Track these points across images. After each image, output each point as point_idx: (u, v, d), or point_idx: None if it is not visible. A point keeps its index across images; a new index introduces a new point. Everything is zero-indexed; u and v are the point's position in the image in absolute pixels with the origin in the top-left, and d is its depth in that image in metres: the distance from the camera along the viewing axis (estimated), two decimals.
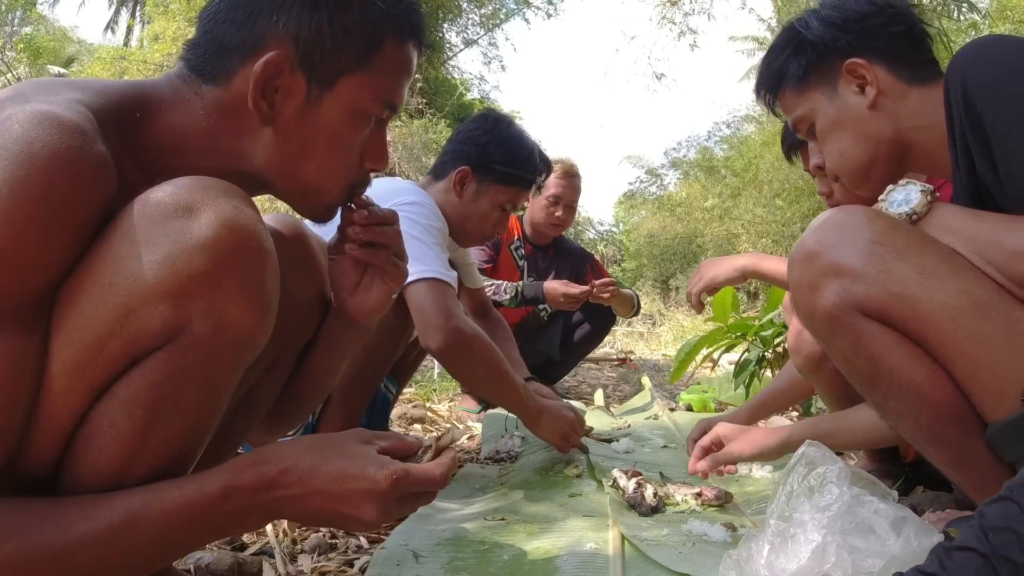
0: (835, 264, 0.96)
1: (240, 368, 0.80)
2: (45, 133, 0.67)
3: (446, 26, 13.63)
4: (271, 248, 0.77)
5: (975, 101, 0.92)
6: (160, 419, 0.74)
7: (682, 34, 12.63)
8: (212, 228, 0.72)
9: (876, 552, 0.88)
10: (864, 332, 0.96)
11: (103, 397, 0.73)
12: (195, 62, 0.86)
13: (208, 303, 0.72)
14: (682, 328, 8.01)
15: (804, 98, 1.21)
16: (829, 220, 1.00)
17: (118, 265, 0.70)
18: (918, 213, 0.99)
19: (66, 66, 16.96)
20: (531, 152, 1.94)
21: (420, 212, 1.70)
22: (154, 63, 11.14)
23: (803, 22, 1.22)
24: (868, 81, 1.14)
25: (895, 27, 1.15)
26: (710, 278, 1.80)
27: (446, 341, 1.57)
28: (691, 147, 18.30)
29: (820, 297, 0.98)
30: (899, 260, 0.93)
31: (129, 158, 0.79)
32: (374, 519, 0.78)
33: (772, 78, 1.26)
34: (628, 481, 1.53)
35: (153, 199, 0.73)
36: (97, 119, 0.74)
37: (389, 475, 0.76)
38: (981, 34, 9.54)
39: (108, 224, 0.72)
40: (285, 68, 0.83)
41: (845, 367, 1.03)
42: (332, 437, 0.81)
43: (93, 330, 0.70)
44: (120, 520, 0.70)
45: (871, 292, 0.93)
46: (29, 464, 0.72)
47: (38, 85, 0.77)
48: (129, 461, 0.74)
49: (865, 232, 0.96)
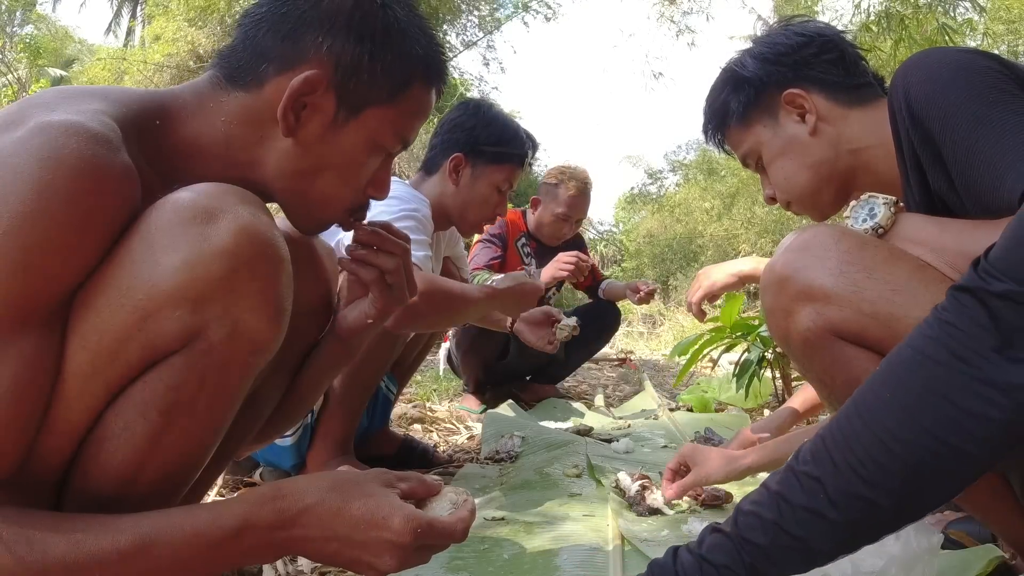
0: (806, 288, 0.94)
1: (252, 374, 0.81)
2: (72, 141, 0.68)
3: (446, 27, 13.62)
4: (287, 256, 0.78)
5: (919, 113, 0.91)
6: (174, 422, 0.75)
7: (680, 33, 12.65)
8: (231, 235, 0.72)
9: (876, 552, 0.89)
10: (840, 355, 0.94)
11: (118, 400, 0.73)
12: (229, 67, 0.87)
13: (225, 309, 0.73)
14: (682, 328, 8.00)
15: (748, 133, 1.25)
16: (796, 242, 0.98)
17: (137, 269, 0.71)
18: (883, 227, 0.97)
19: (67, 67, 16.97)
20: (517, 129, 1.98)
21: (394, 203, 1.68)
22: (154, 63, 11.15)
23: (738, 62, 1.25)
24: (807, 109, 1.17)
25: (827, 55, 1.18)
26: (708, 286, 1.79)
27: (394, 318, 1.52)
28: (691, 150, 18.35)
29: (794, 323, 0.96)
30: (870, 279, 0.91)
31: (149, 165, 0.80)
32: (391, 569, 0.76)
33: (716, 117, 1.30)
34: (632, 483, 1.54)
35: (172, 205, 0.73)
36: (120, 128, 0.75)
37: (413, 528, 0.75)
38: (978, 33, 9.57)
39: (127, 229, 0.73)
40: (320, 87, 0.85)
41: (823, 391, 1.01)
42: (356, 477, 0.79)
43: (111, 333, 0.70)
44: (128, 545, 0.68)
45: (845, 315, 0.92)
46: (41, 465, 0.72)
47: (61, 94, 0.78)
48: (141, 463, 0.74)
49: (833, 252, 0.94)
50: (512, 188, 2.00)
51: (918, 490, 0.65)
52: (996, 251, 0.62)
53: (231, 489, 1.70)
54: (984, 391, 0.61)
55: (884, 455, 0.65)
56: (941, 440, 0.63)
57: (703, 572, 0.72)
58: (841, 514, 0.67)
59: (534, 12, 14.13)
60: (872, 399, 0.68)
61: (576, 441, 2.13)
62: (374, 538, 0.74)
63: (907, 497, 0.66)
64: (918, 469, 0.64)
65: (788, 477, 0.71)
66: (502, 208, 1.99)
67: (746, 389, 2.86)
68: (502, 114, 2.01)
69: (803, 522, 0.69)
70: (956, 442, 0.63)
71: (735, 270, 1.78)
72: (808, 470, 0.69)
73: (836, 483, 0.67)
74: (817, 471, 0.69)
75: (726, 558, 0.71)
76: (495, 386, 3.11)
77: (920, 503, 0.67)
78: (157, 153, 0.82)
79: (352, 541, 0.75)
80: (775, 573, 0.71)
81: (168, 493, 0.79)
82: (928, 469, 0.64)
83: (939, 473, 0.64)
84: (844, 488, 0.67)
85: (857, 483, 0.66)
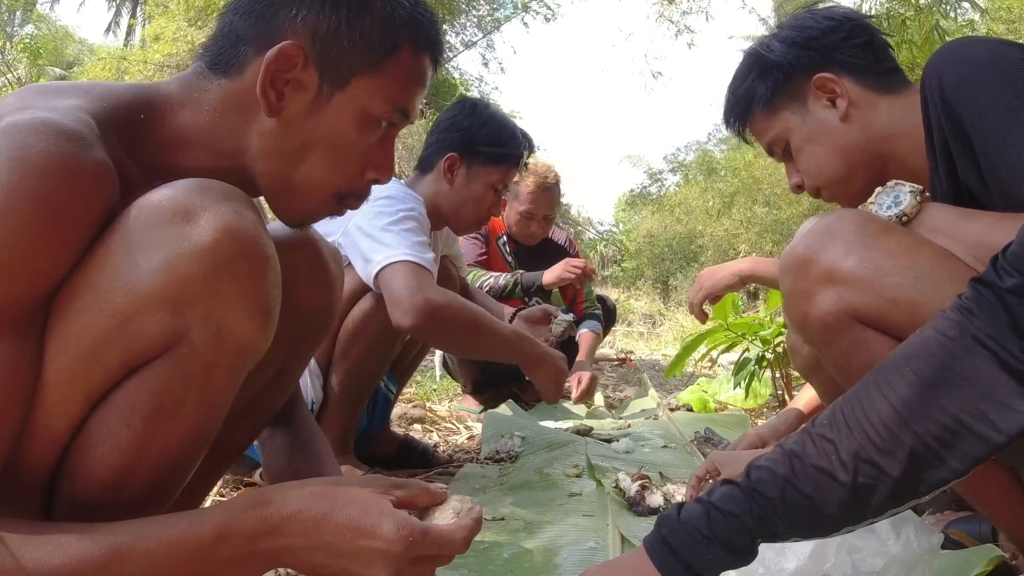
0: (828, 270, 0.94)
1: (240, 376, 0.78)
2: (41, 140, 0.66)
3: (446, 27, 13.62)
4: (272, 254, 0.76)
5: (953, 102, 0.91)
6: (159, 428, 0.73)
7: (679, 33, 12.64)
8: (211, 233, 0.70)
9: (876, 552, 0.89)
10: (860, 339, 0.94)
11: (100, 406, 0.71)
12: (211, 56, 0.86)
13: (207, 310, 0.71)
14: (682, 328, 8.01)
15: (776, 119, 1.22)
16: (820, 225, 0.98)
17: (115, 271, 0.69)
18: (908, 215, 0.97)
19: (68, 67, 16.96)
20: (513, 129, 1.97)
21: (390, 203, 1.69)
22: (154, 63, 11.13)
23: (765, 45, 1.23)
24: (839, 94, 1.15)
25: (856, 39, 1.16)
26: (710, 286, 1.79)
27: (416, 317, 1.53)
28: (690, 151, 18.34)
29: (814, 305, 0.96)
30: (894, 264, 0.91)
31: (133, 160, 0.78)
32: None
33: (740, 104, 1.27)
34: (632, 484, 1.53)
35: (150, 203, 0.71)
36: (98, 124, 0.73)
37: (405, 536, 0.69)
38: (978, 33, 9.55)
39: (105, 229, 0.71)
40: (299, 61, 0.82)
41: (840, 375, 1.01)
42: (345, 483, 0.74)
43: (89, 338, 0.69)
44: (101, 555, 0.64)
45: (867, 298, 0.92)
46: (25, 472, 0.71)
47: (40, 91, 0.76)
48: (128, 469, 0.73)
49: (857, 236, 0.94)
50: (507, 188, 2.00)
51: (927, 464, 0.67)
52: (1013, 247, 0.65)
53: (232, 489, 1.70)
54: (999, 376, 0.64)
55: (898, 425, 0.67)
56: (955, 416, 0.66)
57: (710, 518, 0.73)
58: (850, 476, 0.69)
59: (534, 13, 14.14)
60: (892, 372, 0.70)
61: (576, 441, 2.13)
62: (363, 547, 0.69)
63: (916, 469, 0.68)
64: (929, 443, 0.67)
65: (803, 438, 0.73)
66: (497, 208, 1.99)
67: (746, 389, 2.86)
68: (498, 113, 2.00)
69: (813, 480, 0.71)
70: (969, 420, 0.65)
71: (736, 270, 1.78)
72: (823, 432, 0.72)
73: (849, 446, 0.70)
74: (831, 434, 0.71)
75: (735, 507, 0.73)
76: (494, 387, 3.11)
77: (928, 477, 0.68)
78: (142, 147, 0.80)
79: (339, 550, 0.69)
80: (782, 530, 0.72)
81: (158, 498, 0.77)
82: (939, 443, 0.67)
83: (950, 449, 0.66)
84: (855, 451, 0.69)
85: (869, 448, 0.68)
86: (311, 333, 1.05)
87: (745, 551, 0.73)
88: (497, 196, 1.95)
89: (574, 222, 16.66)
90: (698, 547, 0.72)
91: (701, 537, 0.72)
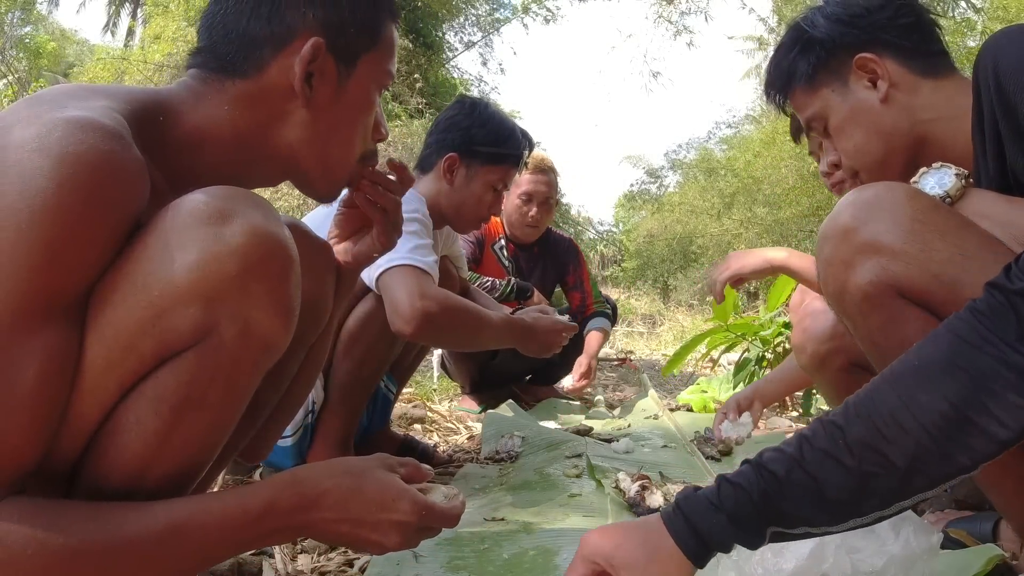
0: (873, 241, 0.92)
1: (261, 371, 0.82)
2: (89, 137, 0.70)
3: (445, 27, 13.61)
4: (296, 257, 0.80)
5: (1007, 85, 0.89)
6: (185, 418, 0.76)
7: (678, 33, 12.63)
8: (244, 236, 0.74)
9: (876, 552, 0.89)
10: (899, 313, 0.91)
11: (130, 394, 0.74)
12: (219, 60, 0.90)
13: (236, 307, 0.75)
14: (682, 328, 8.01)
15: (816, 96, 1.21)
16: (865, 195, 0.95)
17: (152, 266, 0.72)
18: (952, 197, 0.95)
19: (67, 71, 16.96)
20: (513, 129, 1.96)
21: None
22: (154, 63, 11.13)
23: (808, 20, 1.21)
24: (879, 75, 1.13)
25: (903, 19, 1.14)
26: (737, 268, 1.75)
27: (416, 326, 1.55)
28: (691, 149, 18.31)
29: (854, 274, 0.93)
30: (941, 240, 0.89)
31: (152, 161, 0.81)
32: (396, 547, 0.85)
33: (781, 78, 1.25)
34: (632, 484, 1.54)
35: (187, 205, 0.75)
36: (128, 124, 0.77)
37: (419, 510, 0.83)
38: (976, 32, 9.52)
39: (140, 227, 0.75)
40: (320, 53, 0.90)
41: (872, 348, 0.99)
42: (363, 463, 0.86)
43: (126, 328, 0.72)
44: (162, 528, 0.72)
45: (911, 272, 0.89)
46: (52, 458, 0.73)
47: (69, 92, 0.79)
48: (151, 458, 0.75)
49: (906, 209, 0.91)
50: (507, 188, 2.00)
51: (933, 456, 0.68)
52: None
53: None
54: (1005, 373, 0.65)
55: (905, 416, 0.69)
56: (959, 410, 0.67)
57: (720, 489, 0.76)
58: (856, 462, 0.70)
59: (534, 14, 14.14)
60: (901, 365, 0.72)
61: (576, 441, 2.13)
62: (384, 519, 0.82)
63: (921, 461, 0.69)
64: (934, 435, 0.67)
65: (815, 425, 0.75)
66: (497, 207, 1.99)
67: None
68: (498, 113, 1.99)
69: (820, 462, 0.72)
70: (974, 416, 0.66)
71: (769, 256, 1.74)
72: (833, 419, 0.74)
73: (856, 432, 0.71)
74: (841, 421, 0.73)
75: (743, 480, 0.75)
76: (492, 387, 3.11)
77: (933, 470, 0.69)
78: (161, 148, 0.83)
79: (363, 522, 0.82)
80: (786, 508, 0.74)
81: (176, 488, 0.79)
82: (944, 437, 0.67)
83: (955, 443, 0.67)
84: (862, 438, 0.70)
85: (876, 437, 0.70)
86: (306, 327, 1.06)
87: (750, 527, 0.75)
88: (497, 196, 1.95)
89: (574, 222, 16.63)
90: (707, 514, 0.76)
91: (710, 505, 0.76)
